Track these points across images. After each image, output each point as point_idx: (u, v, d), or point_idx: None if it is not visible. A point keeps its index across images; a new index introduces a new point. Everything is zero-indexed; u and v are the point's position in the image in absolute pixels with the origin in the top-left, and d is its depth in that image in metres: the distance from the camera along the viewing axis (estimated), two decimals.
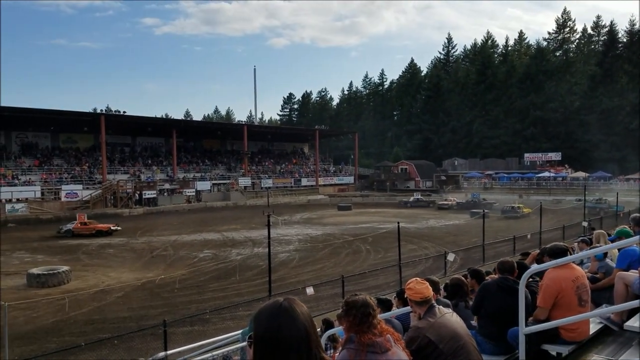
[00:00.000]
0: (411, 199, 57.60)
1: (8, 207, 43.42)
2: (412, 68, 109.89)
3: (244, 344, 5.66)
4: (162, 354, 4.83)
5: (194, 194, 56.83)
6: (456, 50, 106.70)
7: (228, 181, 63.64)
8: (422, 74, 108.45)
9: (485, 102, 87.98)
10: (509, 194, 60.01)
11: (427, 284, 3.35)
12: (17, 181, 48.66)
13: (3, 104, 47.65)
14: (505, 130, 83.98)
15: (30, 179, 49.99)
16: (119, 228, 35.92)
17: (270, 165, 74.84)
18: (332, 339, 6.01)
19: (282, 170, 74.22)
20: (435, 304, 3.27)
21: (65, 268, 21.05)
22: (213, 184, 61.63)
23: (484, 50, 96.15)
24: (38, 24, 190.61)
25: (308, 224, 40.31)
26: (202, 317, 14.61)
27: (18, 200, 44.99)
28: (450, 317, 3.23)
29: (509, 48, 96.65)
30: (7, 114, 48.07)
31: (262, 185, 66.30)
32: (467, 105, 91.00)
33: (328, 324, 7.52)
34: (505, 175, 73.41)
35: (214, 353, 5.36)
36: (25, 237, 33.31)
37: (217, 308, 15.42)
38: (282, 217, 41.90)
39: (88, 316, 16.13)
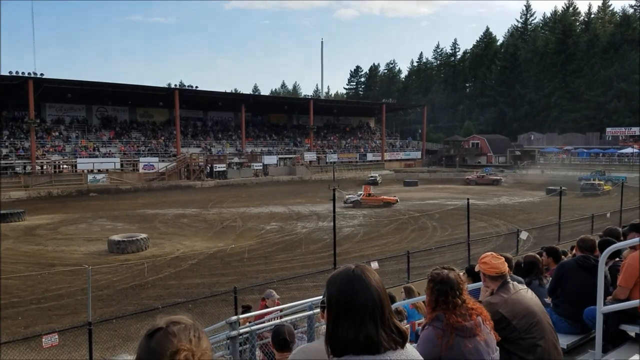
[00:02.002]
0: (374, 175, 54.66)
1: (90, 177, 46.36)
2: (487, 37, 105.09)
3: (311, 312, 5.75)
4: (234, 317, 5.02)
5: (261, 167, 58.07)
6: (535, 18, 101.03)
7: (294, 155, 64.42)
8: (498, 44, 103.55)
9: (566, 74, 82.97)
10: (588, 171, 56.75)
11: (503, 259, 3.22)
12: (97, 153, 51.72)
13: (84, 79, 50.33)
14: (587, 103, 79.01)
15: (110, 151, 52.97)
16: (398, 201, 36.32)
17: (335, 139, 74.86)
18: (397, 312, 5.99)
19: (347, 145, 74.06)
20: (510, 280, 3.15)
21: (143, 235, 22.18)
22: (279, 158, 62.64)
23: (564, 18, 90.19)
24: (116, 1, 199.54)
25: None
26: (269, 286, 15.00)
27: (99, 171, 47.88)
28: (525, 293, 3.10)
29: (592, 16, 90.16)
30: (88, 88, 50.88)
31: (327, 160, 66.55)
32: (545, 77, 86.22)
33: (390, 299, 7.46)
34: (585, 150, 69.37)
35: (282, 320, 5.48)
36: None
37: (283, 278, 15.79)
38: (347, 192, 42.02)
39: (164, 281, 17.03)
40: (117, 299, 15.08)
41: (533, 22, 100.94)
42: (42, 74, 45.64)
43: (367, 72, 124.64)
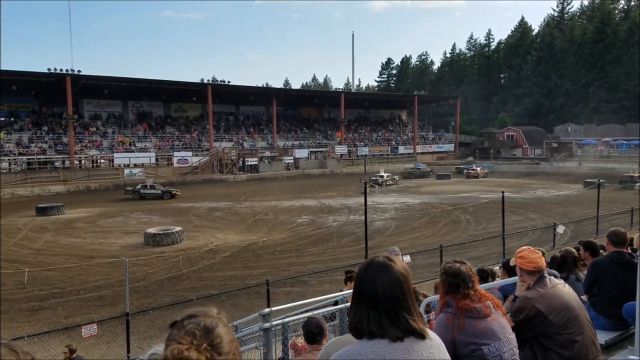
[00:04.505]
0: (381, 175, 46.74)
1: (126, 171, 47.50)
2: (523, 27, 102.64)
3: (343, 305, 5.77)
4: (267, 309, 5.08)
5: (292, 161, 58.34)
6: (572, 7, 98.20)
7: (325, 149, 64.44)
8: (534, 33, 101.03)
9: (604, 63, 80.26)
10: (627, 163, 54.89)
11: (540, 253, 3.16)
12: (133, 148, 52.87)
13: (120, 75, 51.48)
14: (626, 93, 76.22)
15: (145, 145, 54.08)
16: None
17: (366, 132, 74.49)
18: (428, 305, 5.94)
19: (378, 138, 73.61)
20: (547, 275, 3.08)
21: (178, 228, 22.58)
22: (310, 151, 62.77)
23: (603, 6, 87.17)
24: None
25: (405, 193, 39.84)
26: (301, 279, 15.13)
27: (135, 166, 49.00)
28: (562, 288, 3.04)
29: (632, 3, 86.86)
30: (124, 85, 52.05)
31: (359, 153, 66.32)
32: (583, 67, 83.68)
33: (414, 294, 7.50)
34: (625, 142, 67.04)
35: (314, 312, 5.52)
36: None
37: (315, 271, 15.86)
38: (378, 185, 41.86)
39: (198, 273, 17.34)
40: (153, 291, 15.42)
41: (570, 10, 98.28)
42: (79, 71, 46.81)
43: (399, 64, 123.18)
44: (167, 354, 1.15)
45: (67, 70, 46.15)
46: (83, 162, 48.18)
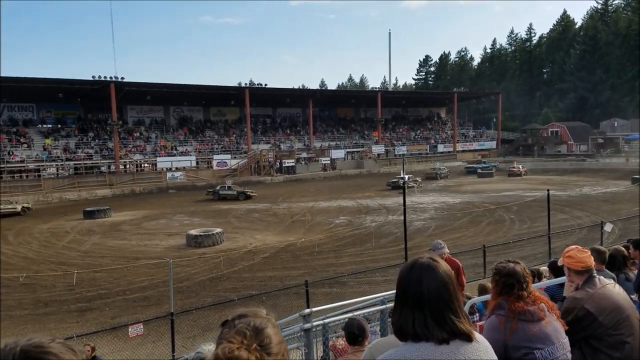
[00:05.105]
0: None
1: (168, 175, 48.63)
2: (565, 20, 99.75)
3: (384, 307, 5.72)
4: (307, 310, 5.11)
5: (329, 162, 58.35)
6: None
7: (361, 149, 64.19)
8: (577, 26, 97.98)
9: None
10: None
11: (589, 252, 3.05)
12: (175, 152, 54.10)
13: (163, 81, 52.77)
14: None
15: (186, 149, 55.25)
16: None
17: (404, 131, 73.73)
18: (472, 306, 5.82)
19: (417, 137, 72.75)
20: (596, 274, 2.97)
21: (218, 230, 22.97)
22: (347, 152, 62.64)
23: None
24: (187, 3, 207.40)
25: (445, 192, 39.25)
26: (339, 280, 15.12)
27: (177, 169, 50.15)
28: (612, 288, 2.92)
29: None
30: (166, 90, 53.36)
31: (396, 153, 65.70)
32: (629, 60, 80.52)
33: None
34: None
35: (355, 314, 5.50)
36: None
37: (354, 272, 15.82)
38: (417, 184, 41.40)
39: (239, 274, 17.58)
40: (196, 291, 15.73)
41: (614, 2, 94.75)
42: (122, 78, 48.19)
43: (437, 61, 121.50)
44: (219, 352, 1.19)
45: (111, 77, 47.60)
46: (128, 166, 49.66)
